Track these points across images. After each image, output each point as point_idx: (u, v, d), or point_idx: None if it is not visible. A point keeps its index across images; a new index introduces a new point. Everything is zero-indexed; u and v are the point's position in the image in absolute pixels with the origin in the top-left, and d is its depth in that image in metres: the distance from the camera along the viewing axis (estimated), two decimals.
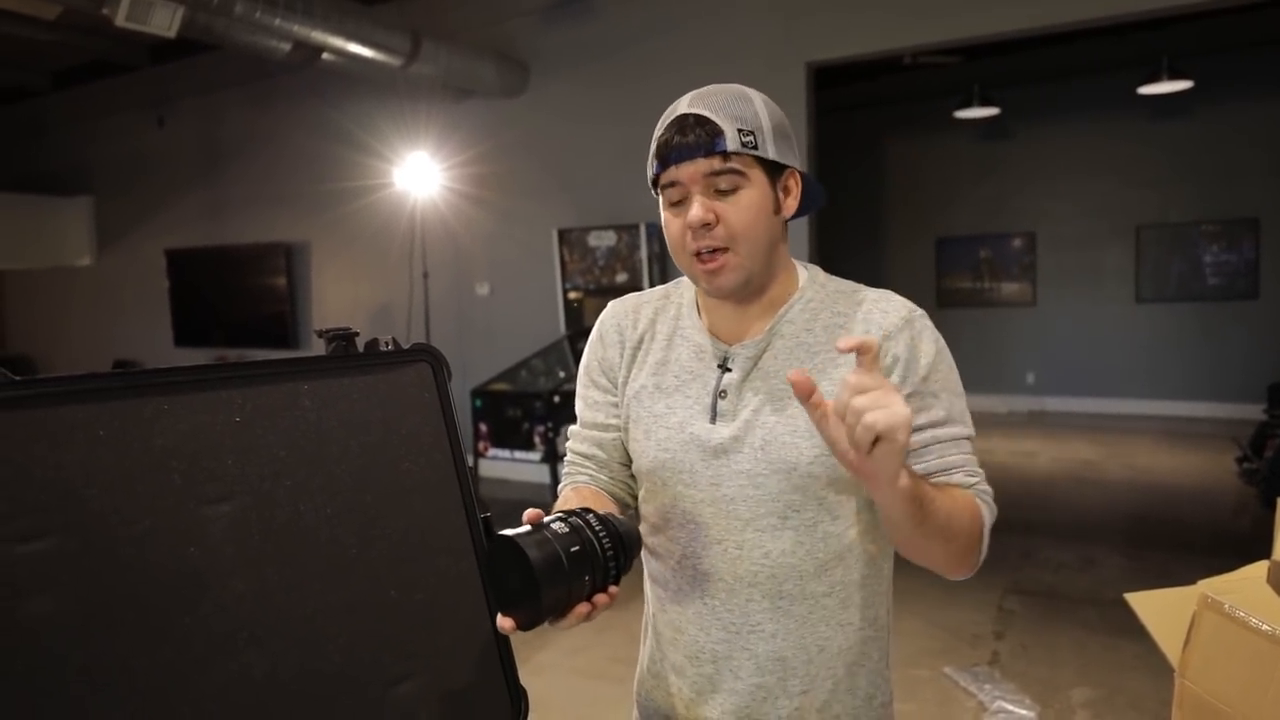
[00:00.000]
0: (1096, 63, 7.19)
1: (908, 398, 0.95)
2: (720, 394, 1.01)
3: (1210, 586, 1.28)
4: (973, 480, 0.97)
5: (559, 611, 0.80)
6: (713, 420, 1.01)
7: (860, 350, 0.75)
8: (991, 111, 7.44)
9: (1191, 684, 1.19)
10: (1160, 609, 1.34)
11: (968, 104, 7.34)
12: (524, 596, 0.78)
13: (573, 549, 0.78)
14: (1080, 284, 8.00)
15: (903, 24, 4.80)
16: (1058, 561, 4.20)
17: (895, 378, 0.97)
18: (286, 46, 4.69)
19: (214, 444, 0.82)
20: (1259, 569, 1.31)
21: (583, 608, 0.81)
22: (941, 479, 0.96)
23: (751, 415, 0.99)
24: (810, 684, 1.02)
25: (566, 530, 0.80)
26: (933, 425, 0.97)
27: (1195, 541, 4.50)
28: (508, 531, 0.79)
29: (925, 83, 7.72)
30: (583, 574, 0.79)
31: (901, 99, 8.24)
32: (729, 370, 1.02)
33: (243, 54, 4.93)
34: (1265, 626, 1.08)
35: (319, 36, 4.70)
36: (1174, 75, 6.41)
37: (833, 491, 0.98)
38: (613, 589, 0.82)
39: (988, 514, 0.96)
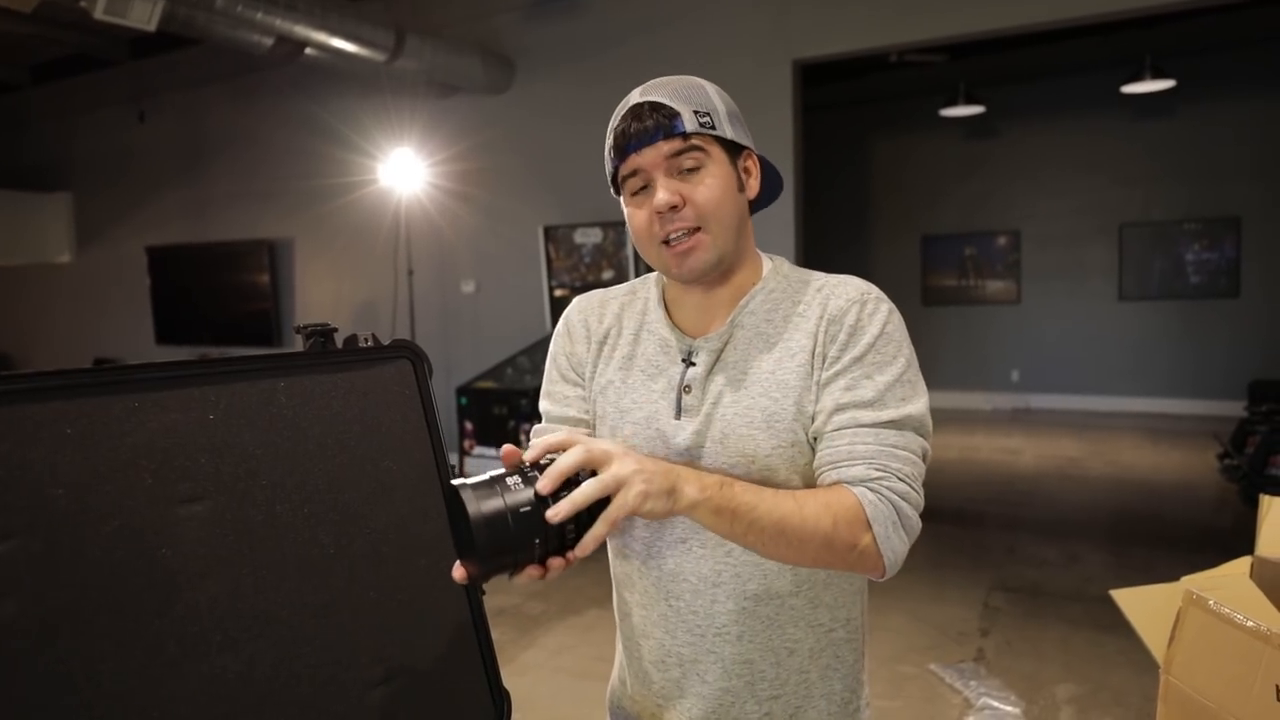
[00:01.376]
0: (1080, 62, 7.24)
1: (837, 375, 0.94)
2: (685, 389, 1.00)
3: (1194, 583, 1.28)
4: (874, 474, 0.89)
5: (507, 570, 0.76)
6: (677, 415, 0.99)
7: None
8: (977, 110, 7.47)
9: (1176, 680, 1.19)
10: (1145, 605, 1.34)
11: (953, 102, 7.37)
12: (470, 550, 0.74)
13: (523, 509, 0.74)
14: (1064, 282, 8.05)
15: (889, 22, 4.80)
16: (1042, 558, 4.22)
17: (833, 353, 0.95)
18: (269, 41, 4.64)
19: (187, 442, 0.80)
20: (1242, 565, 1.31)
21: (534, 570, 0.76)
22: (830, 473, 0.92)
23: (711, 408, 0.98)
24: (780, 689, 1.00)
25: (521, 486, 0.75)
26: (856, 405, 0.93)
27: (1178, 537, 4.54)
28: (457, 481, 0.75)
29: (911, 81, 7.74)
30: (531, 536, 0.74)
31: (887, 97, 8.26)
32: (693, 364, 1.00)
33: (224, 49, 4.87)
34: (1250, 622, 1.08)
35: (301, 31, 4.65)
36: (1157, 74, 6.46)
37: (791, 485, 0.96)
38: (570, 554, 0.77)
39: (882, 510, 0.88)
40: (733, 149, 0.98)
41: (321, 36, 4.74)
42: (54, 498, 0.72)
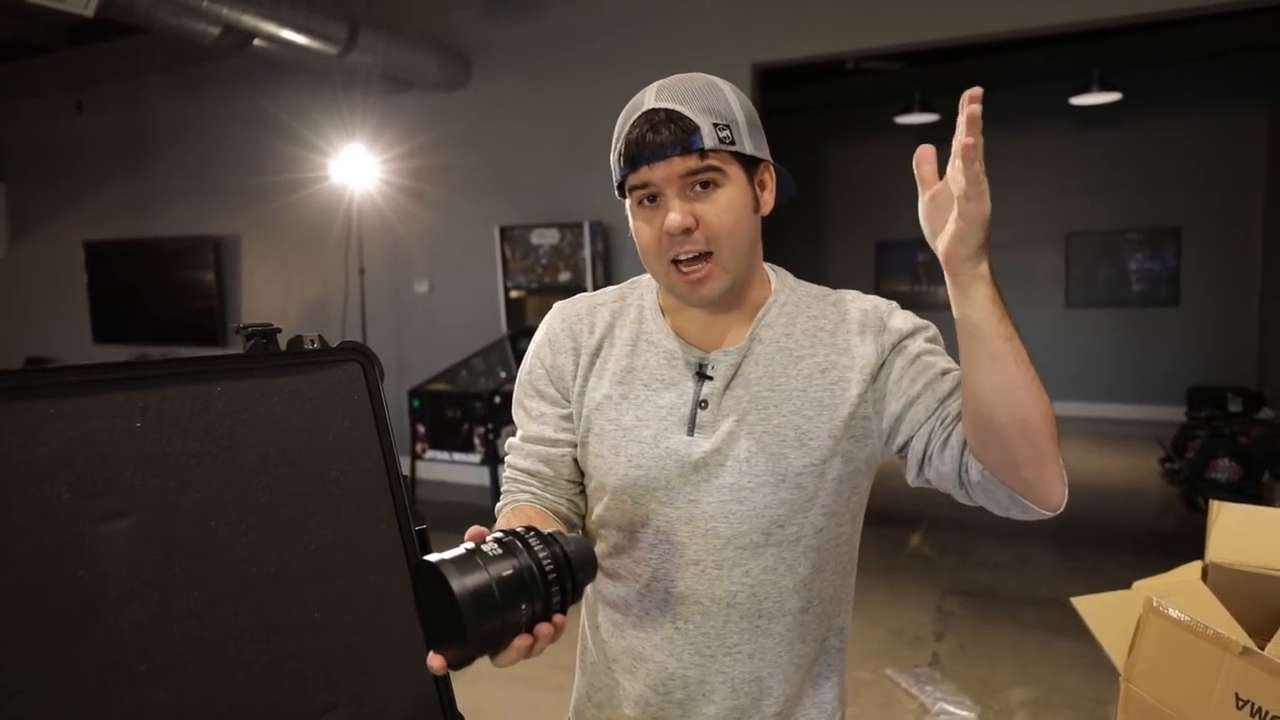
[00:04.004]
0: (1031, 73, 7.39)
1: (920, 355, 0.95)
2: (701, 404, 0.95)
3: (1151, 588, 1.29)
4: None
5: (494, 646, 0.71)
6: (690, 432, 0.94)
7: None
8: (931, 118, 7.57)
9: (1137, 688, 1.19)
10: (1104, 612, 1.34)
11: (908, 110, 7.46)
12: (452, 630, 0.69)
13: (505, 574, 0.69)
14: (1013, 289, 8.13)
15: (847, 28, 4.85)
16: (994, 561, 4.28)
17: (903, 350, 0.96)
18: (215, 31, 4.49)
19: (109, 453, 0.73)
20: (1193, 570, 1.32)
21: (522, 640, 0.71)
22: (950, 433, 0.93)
23: (735, 425, 0.93)
24: (784, 704, 0.99)
25: (500, 553, 0.71)
26: (951, 370, 0.94)
27: (1124, 540, 4.63)
28: (432, 556, 0.70)
29: (867, 88, 7.82)
30: (518, 603, 0.70)
31: (844, 104, 8.35)
32: (709, 378, 0.95)
33: (168, 38, 4.71)
34: (1210, 630, 1.08)
35: (250, 21, 4.51)
36: (1105, 87, 6.62)
37: (818, 503, 0.94)
38: (558, 618, 0.73)
39: None
40: (750, 163, 0.92)
41: (271, 27, 4.61)
42: None
